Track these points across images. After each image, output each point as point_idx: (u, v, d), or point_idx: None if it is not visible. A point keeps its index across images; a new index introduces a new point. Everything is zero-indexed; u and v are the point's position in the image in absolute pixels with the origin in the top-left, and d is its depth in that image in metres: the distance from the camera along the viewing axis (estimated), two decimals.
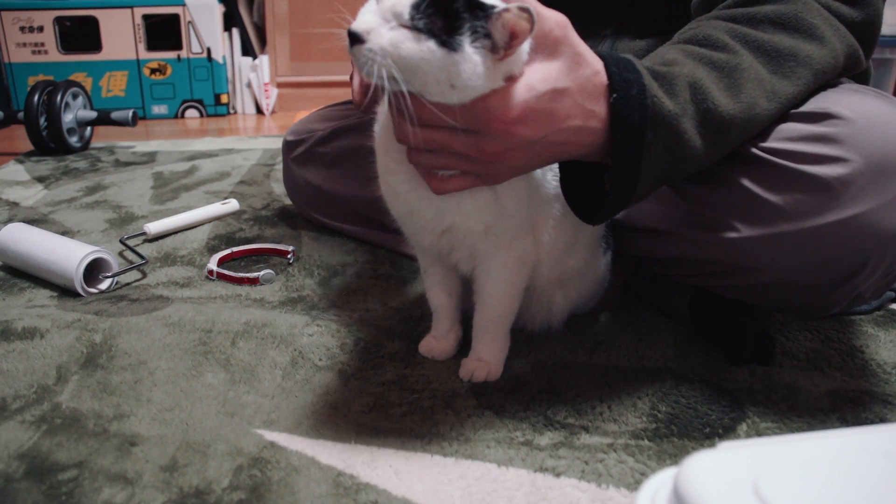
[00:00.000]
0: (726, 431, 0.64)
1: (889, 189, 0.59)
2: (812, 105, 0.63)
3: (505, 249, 0.68)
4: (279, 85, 2.46)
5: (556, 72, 0.54)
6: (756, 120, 0.62)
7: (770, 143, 0.63)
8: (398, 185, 0.65)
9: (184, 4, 2.23)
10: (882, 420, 0.67)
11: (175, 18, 2.26)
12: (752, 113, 0.61)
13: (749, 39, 0.62)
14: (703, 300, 0.80)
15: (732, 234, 0.66)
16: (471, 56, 0.51)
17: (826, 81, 0.66)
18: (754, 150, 0.64)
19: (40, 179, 1.53)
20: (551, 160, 0.60)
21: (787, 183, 0.62)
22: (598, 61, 0.56)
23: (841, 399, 0.70)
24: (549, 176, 0.68)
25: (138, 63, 2.28)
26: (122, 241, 1.11)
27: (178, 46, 2.28)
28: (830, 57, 0.64)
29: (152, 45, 2.27)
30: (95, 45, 2.24)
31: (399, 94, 0.53)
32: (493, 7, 0.51)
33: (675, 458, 0.60)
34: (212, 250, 1.09)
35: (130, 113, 1.77)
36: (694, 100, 0.58)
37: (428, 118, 0.55)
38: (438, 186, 0.61)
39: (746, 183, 0.64)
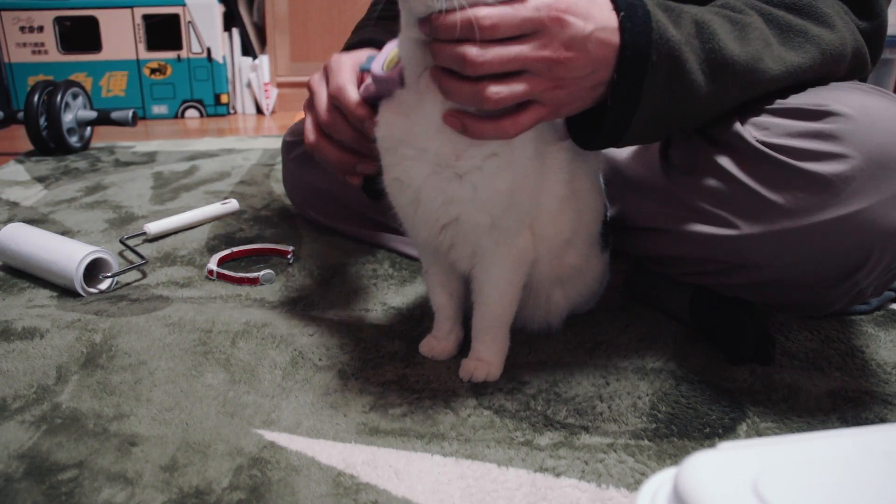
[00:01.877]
0: (726, 431, 0.64)
1: (889, 185, 0.60)
2: (812, 101, 0.64)
3: (504, 247, 0.68)
4: (279, 85, 2.46)
5: None
6: (760, 75, 0.64)
7: (770, 139, 0.64)
8: (411, 177, 0.64)
9: (184, 4, 2.23)
10: (882, 420, 0.67)
11: (175, 18, 2.26)
12: (757, 65, 0.63)
13: (764, 11, 0.66)
14: (704, 300, 0.80)
15: (732, 232, 0.66)
16: None
17: (833, 71, 0.67)
18: (754, 144, 0.64)
19: (40, 179, 1.53)
20: (596, 75, 0.60)
21: (787, 180, 0.62)
22: None
23: (841, 399, 0.70)
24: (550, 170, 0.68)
25: (138, 63, 2.28)
26: (122, 241, 1.11)
27: (178, 46, 2.28)
28: (839, 42, 0.66)
29: (152, 45, 2.27)
30: (95, 45, 2.25)
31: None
32: None
33: (675, 458, 0.60)
34: (212, 250, 1.09)
35: (130, 113, 1.77)
36: (700, 37, 0.61)
37: (492, 20, 0.55)
38: (513, 125, 0.59)
39: (746, 179, 0.65)
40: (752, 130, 0.65)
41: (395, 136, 0.65)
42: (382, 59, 0.68)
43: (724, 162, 0.66)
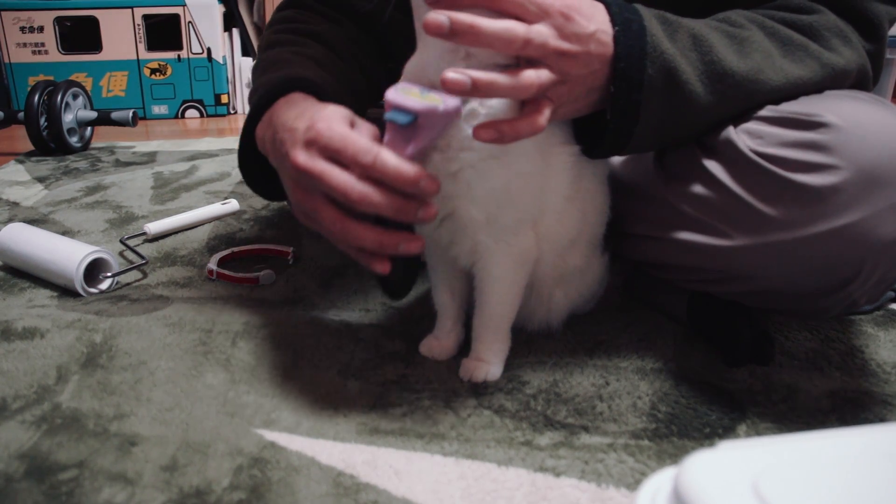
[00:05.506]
0: (726, 431, 0.64)
1: (881, 198, 0.59)
2: (805, 109, 0.63)
3: (505, 245, 0.68)
4: None
5: None
6: (761, 85, 0.64)
7: (763, 148, 0.63)
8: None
9: (184, 4, 2.24)
10: (882, 420, 0.67)
11: (175, 18, 2.26)
12: (757, 76, 0.64)
13: (765, 25, 0.66)
14: (701, 302, 0.80)
15: (725, 242, 0.66)
16: None
17: (836, 87, 0.67)
18: (747, 153, 0.64)
19: (40, 179, 1.53)
20: (593, 77, 0.61)
21: (779, 191, 0.62)
22: (599, 4, 0.61)
23: (841, 399, 0.70)
24: (554, 168, 0.68)
25: (138, 63, 2.28)
26: (122, 241, 1.11)
27: (179, 46, 2.28)
28: (840, 59, 0.67)
29: (152, 45, 2.27)
30: (95, 45, 2.25)
31: None
32: None
33: (675, 458, 0.60)
34: (212, 250, 1.09)
35: (130, 113, 1.77)
36: (697, 49, 0.62)
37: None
38: (541, 117, 0.59)
39: (738, 190, 0.64)
40: (746, 139, 0.65)
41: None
42: (411, 103, 0.57)
43: (717, 170, 0.66)
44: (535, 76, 0.57)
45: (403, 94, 0.58)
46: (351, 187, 0.58)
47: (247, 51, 2.42)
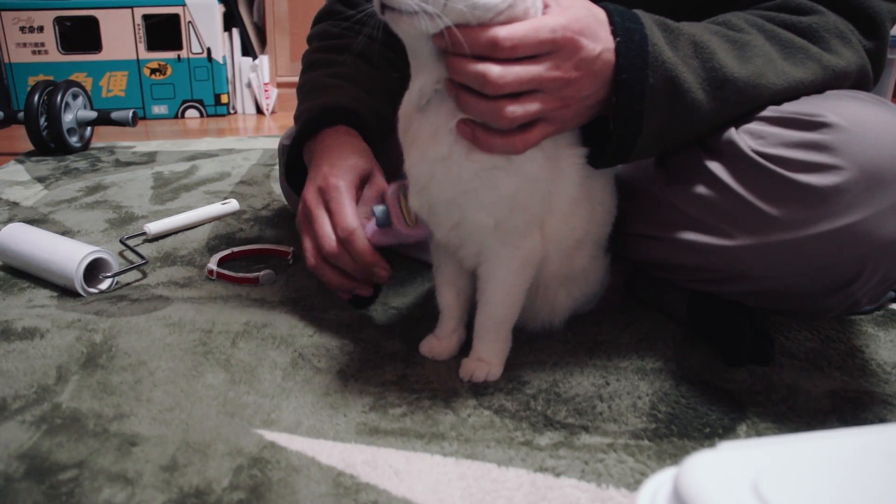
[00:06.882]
0: (726, 431, 0.64)
1: (883, 197, 0.59)
2: (807, 110, 0.63)
3: (511, 248, 0.68)
4: (279, 85, 2.46)
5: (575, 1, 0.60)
6: (763, 89, 0.64)
7: (765, 148, 0.63)
8: (425, 176, 0.66)
9: (184, 4, 2.23)
10: (882, 420, 0.67)
11: (175, 18, 2.26)
12: (759, 81, 0.64)
13: (765, 28, 0.66)
14: (701, 302, 0.80)
15: (726, 242, 0.66)
16: None
17: (836, 87, 0.67)
18: (749, 154, 0.64)
19: (40, 179, 1.53)
20: (597, 95, 0.62)
21: (782, 192, 0.62)
22: (601, 11, 0.61)
23: (841, 399, 0.70)
24: (564, 168, 0.68)
25: (138, 63, 2.28)
26: (122, 241, 1.11)
27: (178, 46, 2.28)
28: (840, 60, 0.67)
29: (152, 45, 2.27)
30: (95, 45, 2.24)
31: (455, 31, 0.56)
32: None
33: (675, 458, 0.60)
34: (212, 250, 1.09)
35: (130, 113, 1.77)
36: (699, 56, 0.62)
37: (512, 42, 0.57)
38: (522, 141, 0.61)
39: (740, 190, 0.64)
40: (747, 139, 0.65)
41: (419, 138, 0.65)
42: (396, 210, 0.71)
43: (718, 170, 0.66)
44: (511, 111, 0.58)
45: (396, 200, 0.71)
46: (327, 242, 0.73)
47: (247, 51, 2.43)
